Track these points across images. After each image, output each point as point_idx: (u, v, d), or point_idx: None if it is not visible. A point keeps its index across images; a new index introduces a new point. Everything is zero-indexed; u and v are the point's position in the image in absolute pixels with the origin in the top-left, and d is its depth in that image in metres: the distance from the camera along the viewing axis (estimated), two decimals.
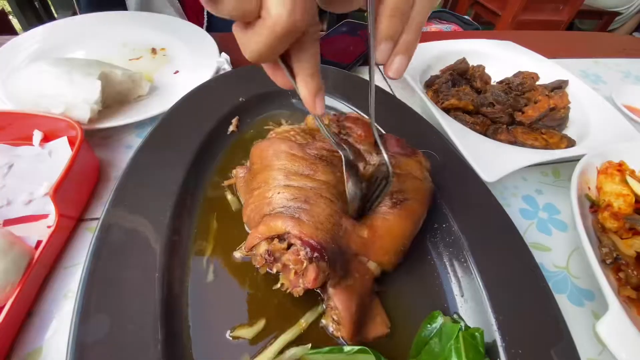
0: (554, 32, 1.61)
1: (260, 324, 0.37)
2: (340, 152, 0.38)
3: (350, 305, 0.36)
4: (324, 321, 0.38)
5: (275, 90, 0.62)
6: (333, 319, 0.37)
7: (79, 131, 0.46)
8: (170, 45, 0.77)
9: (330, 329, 0.37)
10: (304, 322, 0.37)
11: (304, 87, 0.30)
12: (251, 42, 0.25)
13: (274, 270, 0.37)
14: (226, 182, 0.49)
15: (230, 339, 0.36)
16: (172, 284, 0.37)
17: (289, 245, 0.36)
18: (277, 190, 0.39)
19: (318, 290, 0.38)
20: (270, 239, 0.36)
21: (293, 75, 0.30)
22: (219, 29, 0.99)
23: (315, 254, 0.34)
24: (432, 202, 0.45)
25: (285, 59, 0.29)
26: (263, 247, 0.36)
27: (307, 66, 0.29)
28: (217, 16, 0.26)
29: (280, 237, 0.36)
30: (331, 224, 0.37)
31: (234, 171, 0.49)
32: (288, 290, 0.36)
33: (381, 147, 0.38)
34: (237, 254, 0.41)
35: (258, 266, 0.37)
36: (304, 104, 0.31)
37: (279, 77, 0.31)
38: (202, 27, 0.87)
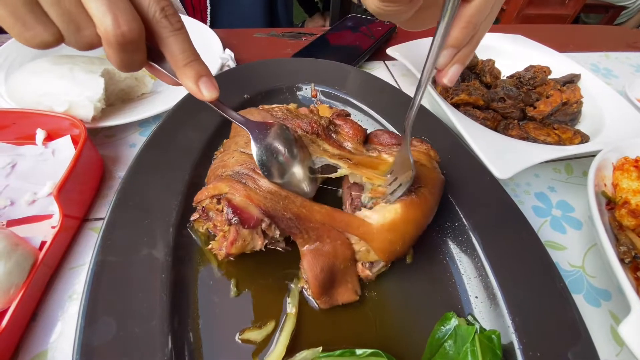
0: (563, 25, 1.58)
1: (270, 326, 0.36)
2: (250, 135, 0.38)
3: (315, 265, 0.37)
4: (302, 286, 0.39)
5: (280, 86, 0.62)
6: (304, 279, 0.38)
7: (82, 129, 0.46)
8: None
9: (305, 293, 0.39)
10: (292, 308, 0.37)
11: (183, 77, 0.31)
12: (108, 56, 0.28)
13: (204, 228, 0.39)
14: None
15: (240, 342, 0.35)
16: (179, 286, 0.37)
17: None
18: (233, 155, 0.41)
19: None
20: (213, 198, 0.37)
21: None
22: (223, 25, 0.98)
23: (235, 218, 0.35)
24: (442, 195, 0.44)
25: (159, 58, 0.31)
26: (204, 204, 0.38)
27: (178, 57, 0.30)
28: (219, 13, 0.26)
29: (219, 199, 0.37)
30: (284, 194, 0.38)
31: None
32: (214, 252, 0.38)
33: (408, 148, 0.38)
34: (194, 215, 0.41)
35: (192, 219, 0.39)
36: (191, 94, 0.32)
37: (161, 77, 0.33)
38: (205, 24, 0.86)
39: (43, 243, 0.40)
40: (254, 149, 0.38)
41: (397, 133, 0.48)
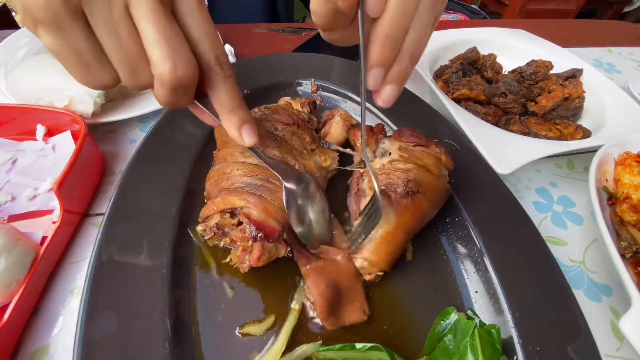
0: (565, 20, 1.57)
1: (269, 320, 0.36)
2: (282, 181, 0.37)
3: (320, 282, 0.36)
4: (305, 303, 0.38)
5: (280, 81, 0.61)
6: (308, 298, 0.37)
7: (82, 125, 0.46)
8: None
9: (310, 312, 0.37)
10: (296, 304, 0.37)
11: (227, 122, 0.31)
12: (155, 93, 0.27)
13: (222, 244, 0.38)
14: None
15: (240, 335, 0.35)
16: (179, 280, 0.37)
17: (240, 222, 0.36)
18: (235, 166, 0.40)
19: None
20: (223, 212, 0.37)
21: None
22: (222, 20, 0.98)
23: (260, 234, 0.35)
24: (443, 204, 0.44)
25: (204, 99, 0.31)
26: (215, 220, 0.37)
27: (225, 103, 0.30)
28: (218, 7, 0.26)
29: (232, 213, 0.37)
30: None
31: None
32: (235, 265, 0.37)
33: (369, 166, 0.36)
34: (199, 228, 0.39)
35: (206, 237, 0.38)
36: (232, 138, 0.32)
37: (204, 117, 0.33)
38: None
39: (44, 238, 0.40)
40: (287, 201, 0.37)
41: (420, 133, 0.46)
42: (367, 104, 0.60)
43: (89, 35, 0.24)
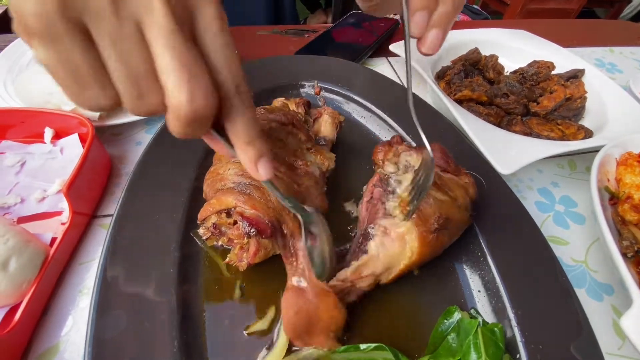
0: (567, 20, 1.57)
1: (271, 312, 0.37)
2: (299, 217, 0.35)
3: (291, 306, 0.34)
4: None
5: (283, 83, 0.62)
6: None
7: (89, 128, 0.46)
8: None
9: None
10: None
11: (243, 155, 0.29)
12: (169, 124, 0.24)
13: (220, 243, 0.38)
14: None
15: (246, 335, 0.35)
16: (187, 280, 0.37)
17: (236, 221, 0.37)
18: (228, 166, 0.40)
19: None
20: (220, 213, 0.37)
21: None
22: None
23: (253, 230, 0.35)
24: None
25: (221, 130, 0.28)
26: (212, 220, 0.37)
27: (242, 135, 0.27)
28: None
29: (228, 213, 0.37)
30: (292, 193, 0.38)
31: None
32: (234, 264, 0.37)
33: (424, 139, 0.34)
34: (201, 230, 0.40)
35: (204, 238, 0.38)
36: (246, 169, 0.30)
37: (219, 148, 0.30)
38: None
39: (53, 239, 0.41)
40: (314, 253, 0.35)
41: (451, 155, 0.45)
42: (370, 105, 0.60)
43: (89, 50, 0.21)
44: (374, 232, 0.38)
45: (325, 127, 0.53)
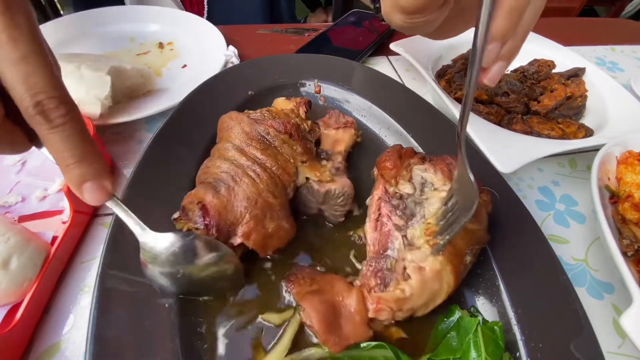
0: (568, 18, 1.57)
1: (288, 313, 0.37)
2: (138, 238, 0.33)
3: (313, 300, 0.34)
4: (305, 327, 0.36)
5: (283, 82, 0.62)
6: (305, 322, 0.35)
7: (90, 127, 0.46)
8: (177, 39, 0.76)
9: (313, 339, 0.36)
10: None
11: (66, 178, 0.26)
12: None
13: (185, 229, 0.37)
14: None
15: (248, 332, 0.36)
16: None
17: (203, 212, 0.37)
18: (217, 162, 0.41)
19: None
20: (198, 203, 0.37)
21: None
22: (219, 17, 0.98)
23: (201, 223, 0.36)
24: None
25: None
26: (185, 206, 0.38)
27: (58, 158, 0.25)
28: (217, 6, 0.25)
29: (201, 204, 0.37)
30: (260, 202, 0.38)
31: None
32: None
33: (465, 163, 0.32)
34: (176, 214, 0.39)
35: (173, 217, 0.38)
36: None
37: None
38: (202, 17, 0.86)
39: (54, 238, 0.41)
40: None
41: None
42: (371, 104, 0.60)
43: None
44: (408, 269, 0.35)
45: (336, 142, 0.51)
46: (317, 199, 0.43)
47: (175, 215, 0.38)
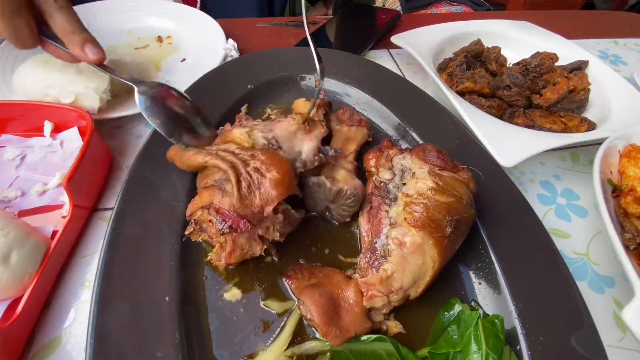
0: (571, 11, 1.55)
1: (290, 303, 0.37)
2: (134, 87, 0.42)
3: (312, 293, 0.34)
4: (305, 321, 0.36)
5: (283, 76, 0.61)
6: (305, 316, 0.36)
7: (89, 121, 0.46)
8: (176, 32, 0.76)
9: (315, 332, 0.36)
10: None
11: (70, 45, 0.37)
12: None
13: (200, 239, 0.38)
14: None
15: (249, 330, 0.36)
16: (188, 272, 0.37)
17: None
18: (212, 166, 0.40)
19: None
20: (204, 209, 0.36)
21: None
22: (213, 8, 0.96)
23: (225, 226, 0.34)
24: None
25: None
26: (195, 216, 0.37)
27: (64, 28, 0.36)
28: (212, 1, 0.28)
29: (209, 209, 0.36)
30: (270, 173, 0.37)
31: None
32: (214, 263, 0.37)
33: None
34: (189, 228, 0.39)
35: (187, 233, 0.37)
36: (80, 59, 0.38)
37: (56, 53, 0.40)
38: (195, 7, 0.85)
39: (54, 232, 0.41)
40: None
41: (446, 154, 0.43)
42: (371, 98, 0.60)
43: None
44: (390, 247, 0.36)
45: (348, 140, 0.51)
46: (328, 196, 0.43)
47: (189, 230, 0.37)
